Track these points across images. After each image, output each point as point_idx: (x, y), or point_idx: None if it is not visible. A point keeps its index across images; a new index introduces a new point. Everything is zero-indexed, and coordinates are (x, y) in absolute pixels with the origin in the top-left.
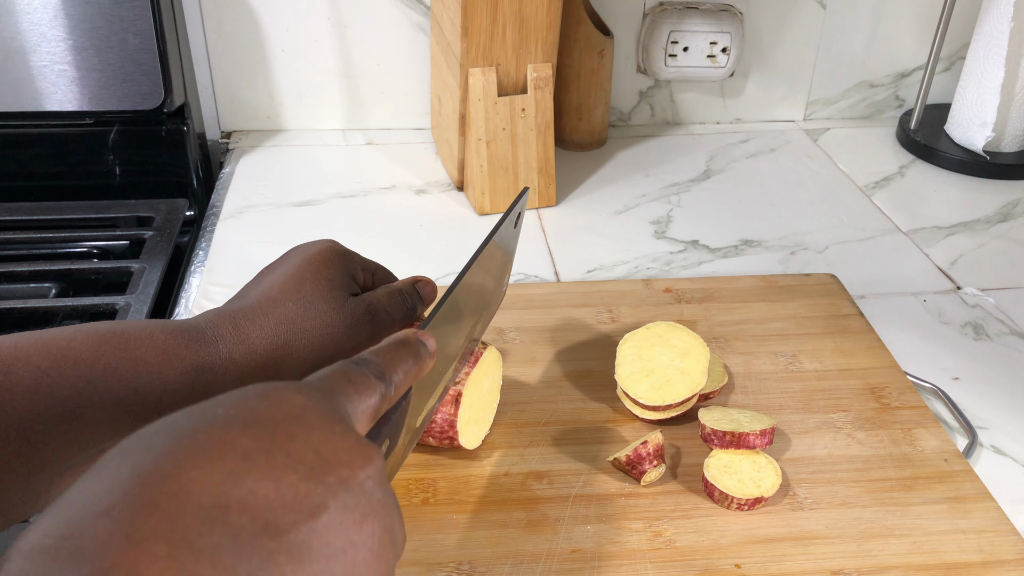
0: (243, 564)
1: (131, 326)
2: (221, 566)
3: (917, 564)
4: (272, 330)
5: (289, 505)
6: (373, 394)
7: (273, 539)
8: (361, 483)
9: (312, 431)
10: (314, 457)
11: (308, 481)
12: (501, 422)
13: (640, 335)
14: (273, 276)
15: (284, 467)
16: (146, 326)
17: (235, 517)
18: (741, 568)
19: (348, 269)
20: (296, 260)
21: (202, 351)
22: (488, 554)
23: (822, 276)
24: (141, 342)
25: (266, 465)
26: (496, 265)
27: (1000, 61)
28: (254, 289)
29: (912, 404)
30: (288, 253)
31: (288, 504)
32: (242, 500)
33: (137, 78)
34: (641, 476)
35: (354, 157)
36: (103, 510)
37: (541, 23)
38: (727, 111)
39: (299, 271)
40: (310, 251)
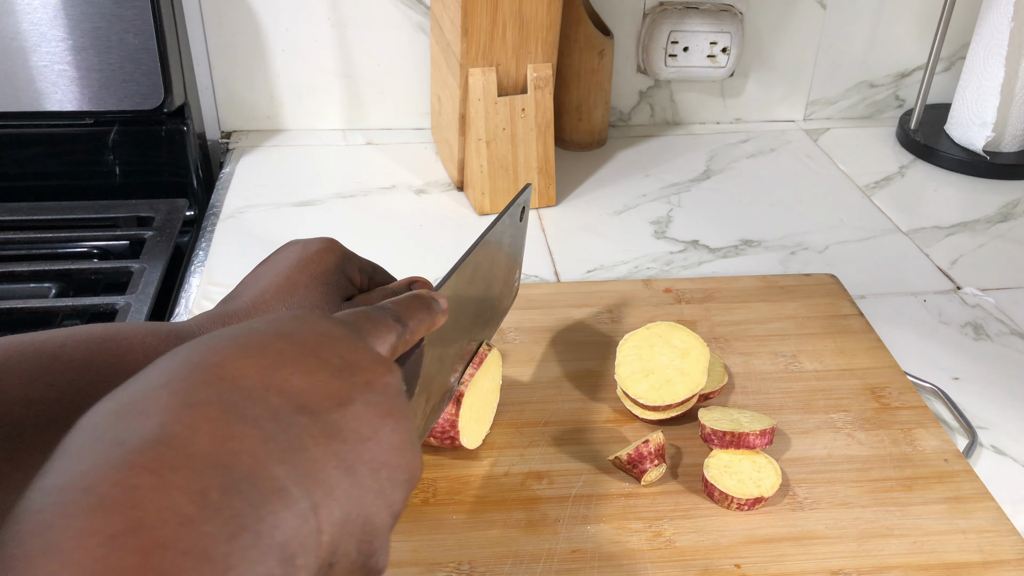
0: (284, 433)
1: (123, 330)
2: (264, 431)
3: (917, 564)
4: None
5: (320, 394)
6: (391, 332)
7: (308, 417)
8: (383, 387)
9: (338, 343)
10: (341, 361)
11: (336, 378)
12: (501, 422)
13: (640, 335)
14: (267, 277)
15: (315, 365)
16: (138, 331)
17: (274, 398)
18: (741, 568)
19: (345, 271)
20: (292, 260)
21: None
22: (488, 554)
23: (822, 276)
24: (133, 348)
25: (300, 363)
26: (503, 259)
27: (1000, 61)
28: (247, 290)
29: (912, 404)
30: (285, 249)
31: (320, 393)
32: (280, 386)
33: (137, 78)
34: (642, 475)
35: (354, 157)
36: (161, 384)
37: (541, 23)
38: (727, 111)
39: (294, 273)
40: (307, 251)
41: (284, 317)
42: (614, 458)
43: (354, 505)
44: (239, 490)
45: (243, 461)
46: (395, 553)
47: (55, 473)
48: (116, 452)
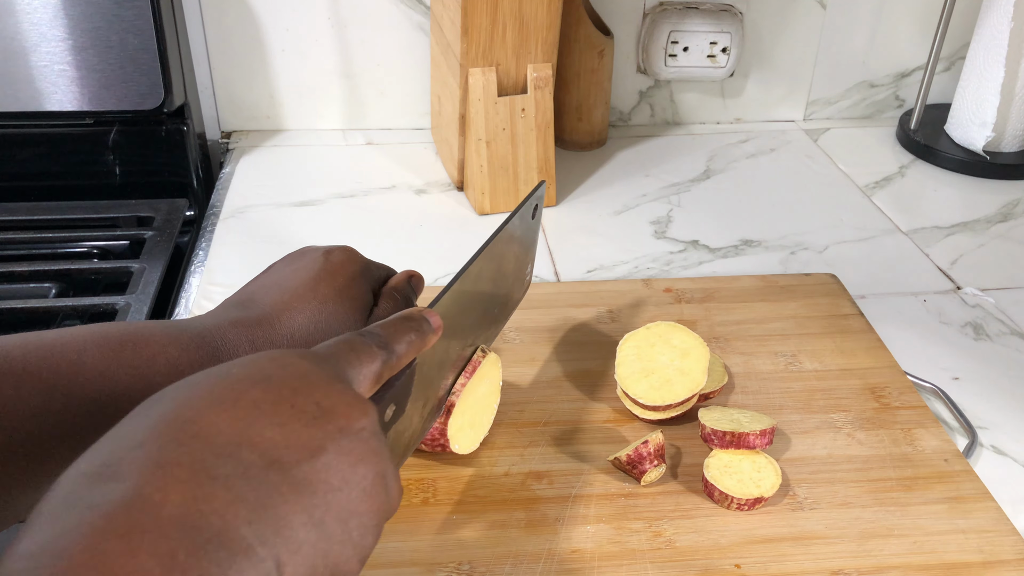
0: (253, 491)
1: (143, 336)
2: (234, 491)
3: (917, 564)
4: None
5: (293, 446)
6: (374, 361)
7: (278, 473)
8: (357, 432)
9: (315, 388)
10: (316, 408)
11: (310, 427)
12: (501, 422)
13: (640, 335)
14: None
15: (289, 415)
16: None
17: (246, 454)
18: (741, 568)
19: (370, 285)
20: (316, 270)
21: None
22: (488, 554)
23: (822, 276)
24: (154, 358)
25: (273, 413)
26: (513, 256)
27: (1000, 61)
28: (267, 295)
29: (912, 404)
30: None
31: (292, 445)
32: (252, 440)
33: (137, 78)
34: (641, 476)
35: (354, 157)
36: (135, 444)
37: (541, 23)
38: (727, 111)
39: (319, 286)
40: (331, 262)
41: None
42: (614, 459)
43: (321, 558)
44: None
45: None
46: (395, 553)
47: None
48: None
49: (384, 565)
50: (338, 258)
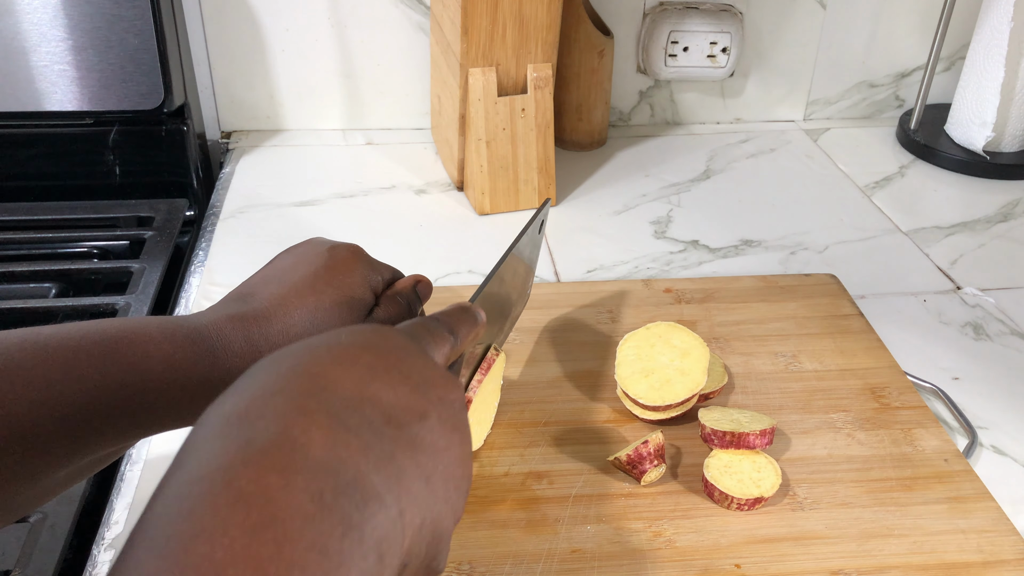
0: (378, 443)
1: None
2: (363, 440)
3: (917, 564)
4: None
5: (404, 407)
6: (446, 344)
7: (396, 429)
8: (452, 402)
9: (415, 360)
10: (419, 377)
11: (415, 393)
12: (501, 422)
13: (640, 335)
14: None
15: (398, 380)
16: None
17: (368, 409)
18: (741, 568)
19: (371, 284)
20: (317, 265)
21: (212, 366)
22: (488, 554)
23: (822, 276)
24: (149, 356)
25: (385, 376)
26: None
27: (1000, 61)
28: (266, 289)
29: (912, 404)
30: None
31: (404, 406)
32: (371, 398)
33: (137, 78)
34: (641, 476)
35: (354, 157)
36: (275, 390)
37: (541, 23)
38: (727, 111)
39: (319, 282)
40: (334, 258)
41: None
42: (613, 459)
43: (428, 511)
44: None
45: (348, 468)
46: None
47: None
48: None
49: None
50: (341, 255)
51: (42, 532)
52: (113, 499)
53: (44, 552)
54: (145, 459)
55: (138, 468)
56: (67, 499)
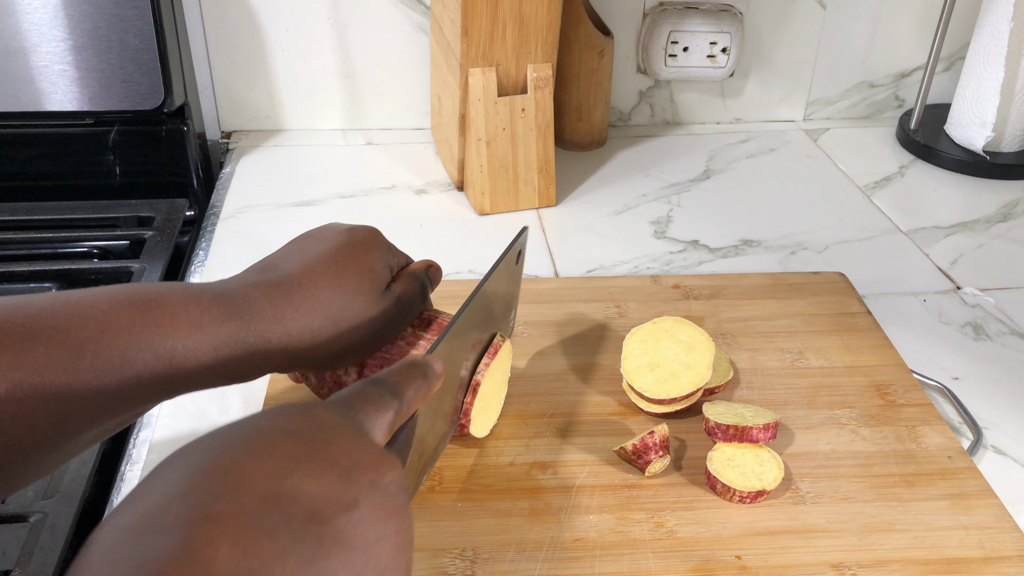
0: (297, 545)
1: (166, 296)
2: (279, 545)
3: (917, 559)
4: (308, 315)
5: (329, 499)
6: (389, 410)
7: (319, 526)
8: (386, 486)
9: (343, 441)
10: (347, 461)
11: (344, 481)
12: (508, 413)
13: (646, 330)
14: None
15: (323, 467)
16: (182, 297)
17: (287, 506)
18: (741, 559)
19: (388, 262)
20: (339, 243)
21: (237, 328)
22: (492, 541)
23: (831, 274)
24: (177, 317)
25: (309, 465)
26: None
27: (1000, 61)
28: (288, 261)
29: (917, 402)
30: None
31: (329, 498)
32: (291, 492)
33: (137, 78)
34: (646, 466)
35: (354, 157)
36: (177, 494)
37: (541, 23)
38: (727, 111)
39: (342, 258)
40: (354, 237)
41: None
42: (619, 449)
43: None
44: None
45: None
46: None
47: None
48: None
49: None
50: (361, 234)
51: (42, 532)
52: (113, 499)
53: (44, 552)
54: (145, 459)
55: (138, 468)
56: (67, 499)
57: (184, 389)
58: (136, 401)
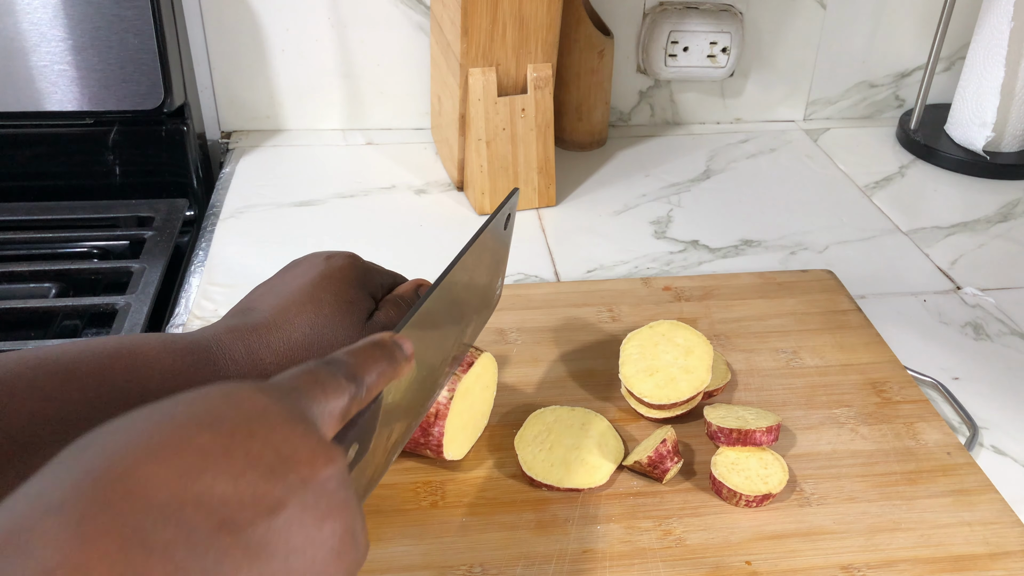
0: (197, 561)
1: (137, 345)
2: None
3: (925, 557)
4: (285, 354)
5: (247, 503)
6: (342, 396)
7: (230, 535)
8: (322, 482)
9: (272, 430)
10: (274, 456)
11: (267, 479)
12: (507, 424)
13: (643, 334)
14: (287, 290)
15: (242, 465)
16: (153, 346)
17: (190, 514)
18: (752, 565)
19: (368, 289)
20: (314, 275)
21: (212, 374)
22: (500, 556)
23: (819, 272)
24: (148, 366)
25: (224, 463)
26: (485, 268)
27: (1000, 61)
28: (265, 301)
29: (913, 398)
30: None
31: (246, 502)
32: (198, 498)
33: (137, 78)
34: (664, 475)
35: (354, 157)
36: (53, 506)
37: (541, 23)
38: (727, 111)
39: (320, 292)
40: (331, 267)
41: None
42: (634, 463)
43: None
44: None
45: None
46: (406, 556)
47: None
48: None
49: (396, 569)
50: (338, 263)
51: None
52: None
53: None
54: None
55: None
56: None
57: None
58: None
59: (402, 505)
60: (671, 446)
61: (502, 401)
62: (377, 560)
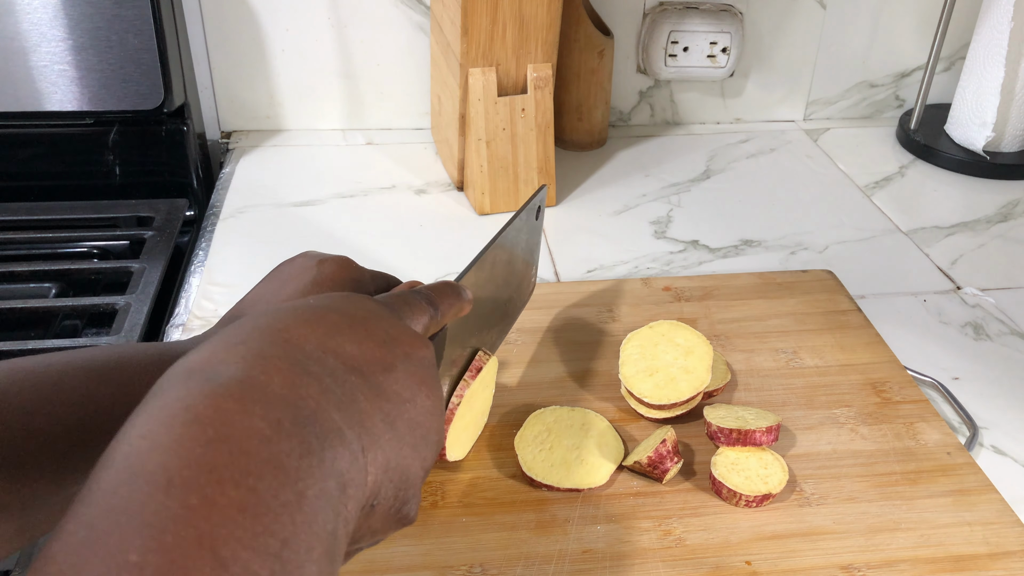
0: (339, 387)
1: (126, 357)
2: (324, 384)
3: (925, 557)
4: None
5: (369, 360)
6: (424, 314)
7: (359, 377)
8: (419, 359)
9: (382, 320)
10: (384, 334)
11: (381, 347)
12: (506, 424)
13: (643, 334)
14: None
15: (364, 336)
16: (142, 358)
17: (331, 359)
18: (752, 565)
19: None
20: (306, 281)
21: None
22: (500, 556)
23: (819, 272)
24: (138, 377)
25: (351, 332)
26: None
27: (1000, 61)
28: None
29: (913, 398)
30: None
31: (368, 359)
32: (335, 350)
33: (137, 78)
34: (664, 475)
35: (354, 157)
36: (239, 341)
37: (541, 23)
38: (727, 111)
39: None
40: (322, 273)
41: (335, 296)
42: (634, 463)
43: (394, 454)
44: (306, 423)
45: (308, 404)
46: (406, 557)
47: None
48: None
49: (396, 569)
50: (329, 269)
51: None
52: None
53: None
54: None
55: None
56: None
57: None
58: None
59: None
60: (671, 446)
61: (502, 401)
62: (377, 560)
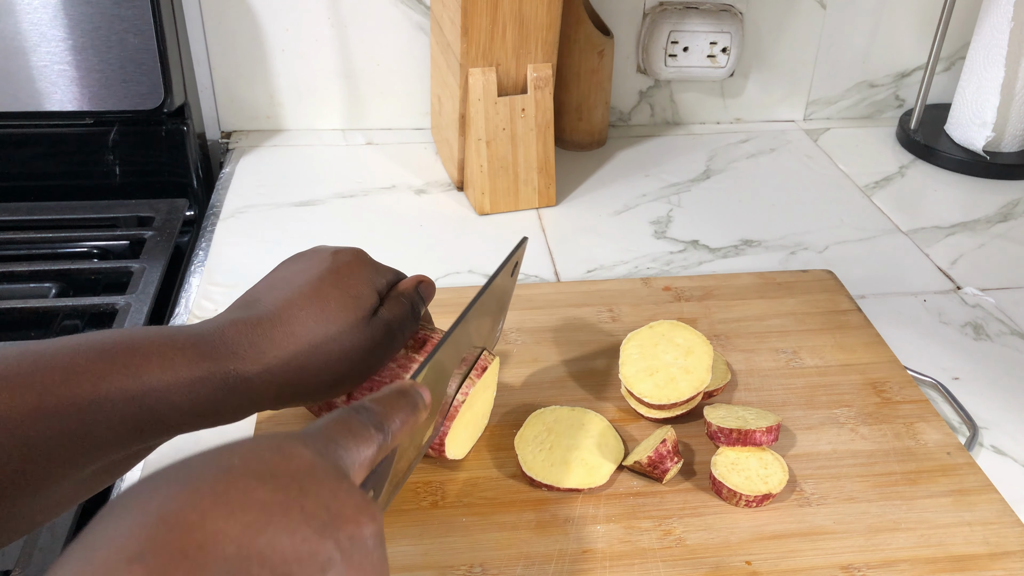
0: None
1: (138, 338)
2: None
3: (925, 557)
4: (289, 349)
5: (304, 560)
6: (371, 445)
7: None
8: (365, 540)
9: (322, 487)
10: (325, 513)
11: (320, 536)
12: (506, 424)
13: (643, 334)
14: (294, 284)
15: (299, 521)
16: (154, 339)
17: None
18: (752, 565)
19: (375, 285)
20: (321, 269)
21: (214, 368)
22: (500, 556)
23: (819, 272)
24: (148, 358)
25: (283, 519)
26: (489, 314)
27: (1000, 61)
28: (270, 294)
29: (913, 398)
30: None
31: (303, 558)
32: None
33: (137, 78)
34: (664, 475)
35: (354, 157)
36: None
37: (541, 23)
38: (727, 111)
39: (326, 287)
40: (337, 262)
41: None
42: (634, 463)
43: None
44: None
45: None
46: (406, 557)
47: None
48: None
49: (397, 569)
50: (345, 258)
51: (42, 532)
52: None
53: (44, 552)
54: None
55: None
56: None
57: (161, 432)
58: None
59: (402, 505)
60: (671, 446)
61: (502, 401)
62: None
